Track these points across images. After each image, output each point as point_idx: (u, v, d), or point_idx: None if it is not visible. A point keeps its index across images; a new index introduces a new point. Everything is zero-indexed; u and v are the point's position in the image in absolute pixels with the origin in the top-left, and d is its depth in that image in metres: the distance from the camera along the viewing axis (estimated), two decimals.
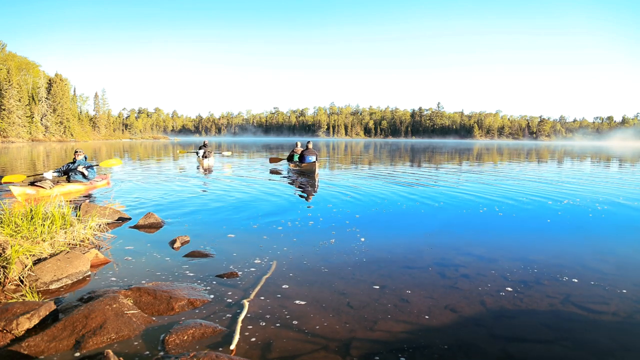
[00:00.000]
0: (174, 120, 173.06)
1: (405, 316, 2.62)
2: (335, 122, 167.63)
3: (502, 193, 8.06)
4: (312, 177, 10.43)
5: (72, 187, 8.00)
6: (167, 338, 2.23)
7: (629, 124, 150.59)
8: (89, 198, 7.36)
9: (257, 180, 10.11)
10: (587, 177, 11.94)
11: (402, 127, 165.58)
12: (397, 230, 4.98)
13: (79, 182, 8.28)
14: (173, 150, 29.95)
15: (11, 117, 53.09)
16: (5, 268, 2.95)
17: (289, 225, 5.08)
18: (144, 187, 8.51)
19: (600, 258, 3.91)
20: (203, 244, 4.15)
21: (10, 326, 2.24)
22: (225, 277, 3.23)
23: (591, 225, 5.34)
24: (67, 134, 63.89)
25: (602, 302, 2.88)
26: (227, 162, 17.29)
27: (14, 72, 54.64)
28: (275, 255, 3.83)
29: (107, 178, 9.55)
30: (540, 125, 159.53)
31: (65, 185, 7.95)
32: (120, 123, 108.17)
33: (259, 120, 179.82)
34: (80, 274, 3.19)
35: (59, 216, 3.82)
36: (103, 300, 2.48)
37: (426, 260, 3.78)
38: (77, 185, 8.14)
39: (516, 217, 5.81)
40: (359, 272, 3.42)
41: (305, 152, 11.86)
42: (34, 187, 7.29)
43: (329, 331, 2.40)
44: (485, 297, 2.94)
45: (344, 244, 4.26)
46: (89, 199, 7.29)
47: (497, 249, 4.20)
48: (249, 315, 2.57)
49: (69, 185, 8.00)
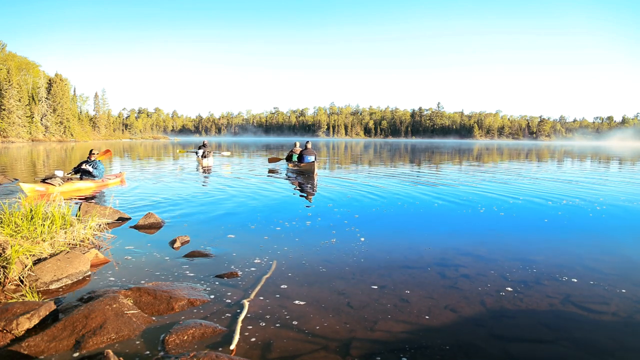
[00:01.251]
0: (174, 120, 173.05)
1: (405, 316, 2.62)
2: (335, 122, 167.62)
3: (502, 193, 8.06)
4: (311, 177, 10.46)
5: (81, 185, 8.11)
6: (167, 338, 2.23)
7: (629, 124, 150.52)
8: (96, 196, 7.46)
9: (256, 180, 10.11)
10: (586, 177, 11.94)
11: (402, 127, 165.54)
12: (397, 230, 4.98)
13: (90, 180, 8.38)
14: (173, 150, 29.96)
15: (11, 117, 53.09)
16: (5, 268, 2.95)
17: (289, 225, 5.08)
18: (144, 187, 8.51)
19: (600, 258, 3.91)
20: (203, 244, 4.15)
21: (10, 326, 2.24)
22: (225, 277, 3.23)
23: (591, 225, 5.34)
24: (67, 134, 63.88)
25: (602, 302, 2.88)
26: (226, 162, 17.32)
27: (14, 72, 54.63)
28: (275, 255, 3.83)
29: (121, 176, 9.66)
30: (540, 125, 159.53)
31: (75, 182, 8.04)
32: (120, 123, 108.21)
33: (259, 120, 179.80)
34: (80, 274, 3.19)
35: (59, 216, 3.82)
36: (103, 300, 2.48)
37: (426, 260, 3.78)
38: (88, 183, 8.24)
39: (516, 217, 5.81)
40: (358, 272, 3.42)
41: (304, 152, 11.88)
42: (44, 184, 7.38)
43: (329, 331, 2.40)
44: (485, 297, 2.94)
45: (343, 244, 4.26)
46: (95, 197, 7.39)
47: (497, 249, 4.20)
48: (249, 315, 2.57)
49: (79, 183, 8.10)
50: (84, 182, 8.25)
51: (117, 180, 9.21)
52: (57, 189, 7.33)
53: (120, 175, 9.72)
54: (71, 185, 7.88)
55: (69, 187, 7.77)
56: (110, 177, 9.20)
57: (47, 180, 7.56)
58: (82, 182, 8.23)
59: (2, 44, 60.51)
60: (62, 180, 7.79)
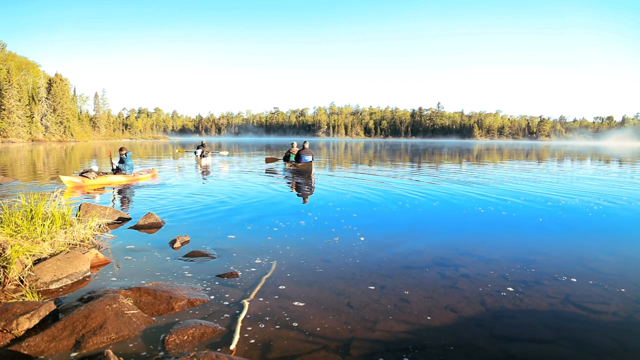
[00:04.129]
0: (174, 120, 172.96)
1: (405, 316, 2.62)
2: (335, 122, 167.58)
3: (502, 193, 8.06)
4: (308, 177, 10.48)
5: (113, 179, 9.12)
6: (167, 338, 2.23)
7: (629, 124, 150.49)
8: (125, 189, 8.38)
9: (256, 180, 10.11)
10: (586, 177, 11.93)
11: (402, 127, 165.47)
12: (397, 230, 4.98)
13: (123, 174, 9.42)
14: (172, 150, 29.98)
15: (11, 117, 53.06)
16: (5, 268, 2.95)
17: (289, 225, 5.08)
18: (144, 187, 8.51)
19: (600, 258, 3.91)
20: (203, 244, 4.15)
21: (10, 326, 2.24)
22: (225, 277, 3.23)
23: (591, 225, 5.34)
24: (67, 134, 63.86)
25: (602, 302, 2.88)
26: (224, 160, 17.45)
27: (14, 72, 54.60)
28: (275, 255, 3.83)
29: (152, 172, 10.64)
30: (540, 125, 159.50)
31: (108, 176, 9.09)
32: (120, 123, 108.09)
33: (259, 120, 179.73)
34: (80, 274, 3.19)
35: (59, 216, 3.82)
36: (103, 300, 2.48)
37: (426, 260, 3.78)
38: (120, 177, 9.26)
39: (516, 216, 5.81)
40: (358, 272, 3.42)
41: (301, 152, 11.90)
42: (80, 177, 8.52)
43: (329, 331, 2.40)
44: (485, 297, 2.94)
45: (343, 244, 4.26)
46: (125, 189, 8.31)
47: (497, 249, 4.20)
48: (249, 315, 2.57)
49: (111, 177, 9.12)
50: (117, 176, 9.20)
51: (148, 175, 10.14)
52: (91, 181, 8.46)
53: (152, 171, 10.67)
54: (104, 179, 8.88)
55: (102, 180, 8.79)
56: (142, 172, 10.27)
57: (84, 173, 8.64)
58: (115, 176, 9.18)
59: (2, 44, 60.54)
60: (97, 174, 8.80)
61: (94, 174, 8.66)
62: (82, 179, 8.39)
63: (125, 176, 9.35)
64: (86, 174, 8.57)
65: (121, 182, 9.12)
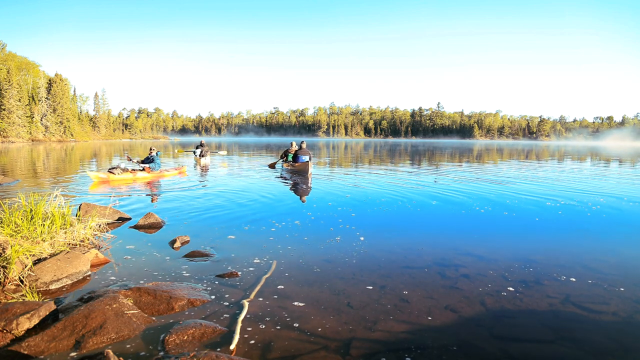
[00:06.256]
0: (174, 120, 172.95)
1: (405, 316, 2.62)
2: (335, 122, 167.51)
3: (502, 193, 8.06)
4: (305, 177, 10.52)
5: (139, 175, 9.74)
6: (167, 338, 2.23)
7: (629, 124, 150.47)
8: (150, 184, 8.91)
9: (256, 180, 10.12)
10: (585, 176, 11.93)
11: (402, 127, 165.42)
12: (397, 230, 4.98)
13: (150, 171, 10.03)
14: (172, 150, 30.00)
15: (11, 117, 53.05)
16: (5, 268, 2.95)
17: (289, 225, 5.08)
18: (144, 187, 8.51)
19: (599, 258, 3.91)
20: (203, 244, 4.15)
21: (10, 326, 2.24)
22: (225, 277, 3.23)
23: (591, 225, 5.34)
24: (67, 134, 63.83)
25: (602, 302, 2.88)
26: (224, 160, 17.54)
27: (14, 72, 54.58)
28: (275, 255, 3.83)
29: (180, 169, 11.25)
30: (540, 125, 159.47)
31: (137, 172, 9.73)
32: (120, 123, 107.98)
33: (259, 120, 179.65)
34: (80, 274, 3.19)
35: (59, 216, 3.82)
36: (103, 300, 2.48)
37: (426, 260, 3.78)
38: (145, 173, 9.88)
39: (516, 216, 5.81)
40: (358, 272, 3.42)
41: (298, 151, 11.98)
42: (106, 173, 9.10)
43: (329, 331, 2.40)
44: (485, 297, 2.94)
45: (343, 244, 4.26)
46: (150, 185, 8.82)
47: (497, 249, 4.20)
48: (249, 315, 2.57)
49: (138, 174, 9.75)
50: (142, 172, 9.81)
51: (175, 172, 10.86)
52: (115, 177, 9.04)
53: (179, 168, 11.41)
54: (130, 175, 9.48)
55: (126, 176, 9.37)
56: (169, 169, 10.95)
57: (111, 169, 9.23)
58: (141, 172, 9.77)
59: (2, 44, 60.54)
60: (122, 170, 9.43)
61: (119, 170, 9.30)
62: (108, 175, 9.02)
63: (152, 172, 9.97)
64: (112, 170, 9.20)
65: (146, 177, 9.69)
